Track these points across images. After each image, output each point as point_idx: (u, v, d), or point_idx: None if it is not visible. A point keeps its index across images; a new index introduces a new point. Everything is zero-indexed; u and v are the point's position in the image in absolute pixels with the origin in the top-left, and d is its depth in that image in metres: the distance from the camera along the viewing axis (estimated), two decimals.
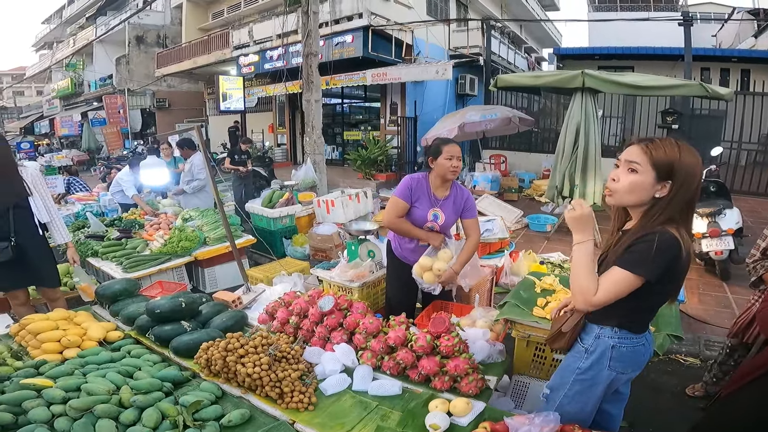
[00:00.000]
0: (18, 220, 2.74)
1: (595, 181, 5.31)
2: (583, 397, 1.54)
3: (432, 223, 2.56)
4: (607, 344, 1.47)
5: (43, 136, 23.49)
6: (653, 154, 1.31)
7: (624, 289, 1.32)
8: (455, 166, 2.45)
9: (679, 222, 1.32)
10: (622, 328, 1.46)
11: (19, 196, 2.76)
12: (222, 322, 2.33)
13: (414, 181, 2.55)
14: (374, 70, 9.63)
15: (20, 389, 1.70)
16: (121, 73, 18.04)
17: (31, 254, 2.82)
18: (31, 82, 31.68)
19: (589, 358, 1.51)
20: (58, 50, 24.04)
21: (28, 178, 2.83)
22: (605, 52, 12.16)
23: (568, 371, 1.57)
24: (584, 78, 4.99)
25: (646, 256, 1.28)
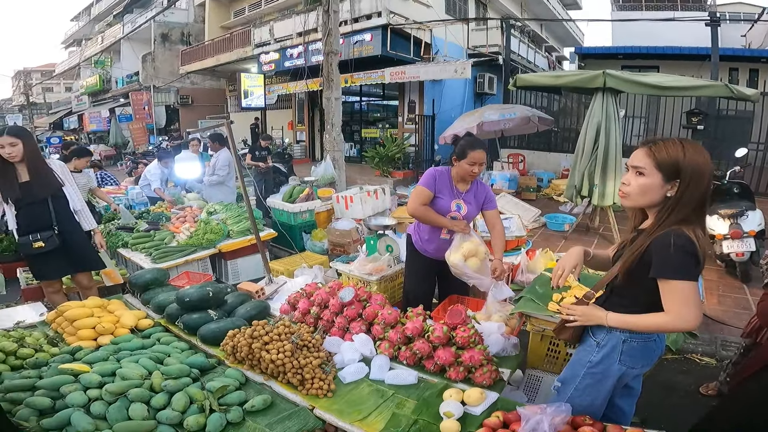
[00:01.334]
0: (58, 209, 2.90)
1: (615, 181, 5.27)
2: (593, 391, 1.58)
3: (455, 213, 2.63)
4: (619, 339, 1.50)
5: (72, 131, 24.24)
6: (657, 156, 1.35)
7: (693, 295, 1.32)
8: (475, 172, 2.52)
9: (693, 222, 1.35)
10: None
11: (56, 187, 2.93)
12: (246, 312, 2.44)
13: (438, 172, 2.62)
14: (393, 69, 9.67)
15: (58, 374, 1.81)
16: (147, 70, 18.50)
17: (74, 241, 2.98)
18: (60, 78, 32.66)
19: (600, 351, 1.54)
20: (87, 47, 24.72)
21: (57, 170, 2.99)
22: (629, 51, 11.91)
23: (579, 365, 1.61)
24: (605, 78, 4.96)
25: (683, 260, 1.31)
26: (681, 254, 1.30)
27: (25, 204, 2.82)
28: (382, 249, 3.28)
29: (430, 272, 2.80)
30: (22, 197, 2.80)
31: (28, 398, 1.66)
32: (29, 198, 2.81)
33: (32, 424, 1.57)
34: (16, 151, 2.72)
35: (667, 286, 1.34)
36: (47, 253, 2.85)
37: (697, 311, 1.33)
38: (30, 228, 2.84)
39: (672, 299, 1.33)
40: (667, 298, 1.34)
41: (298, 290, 2.62)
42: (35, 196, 2.83)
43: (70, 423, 1.56)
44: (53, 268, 3.00)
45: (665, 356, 2.05)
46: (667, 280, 1.34)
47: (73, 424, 1.55)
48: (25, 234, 2.84)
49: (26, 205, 2.82)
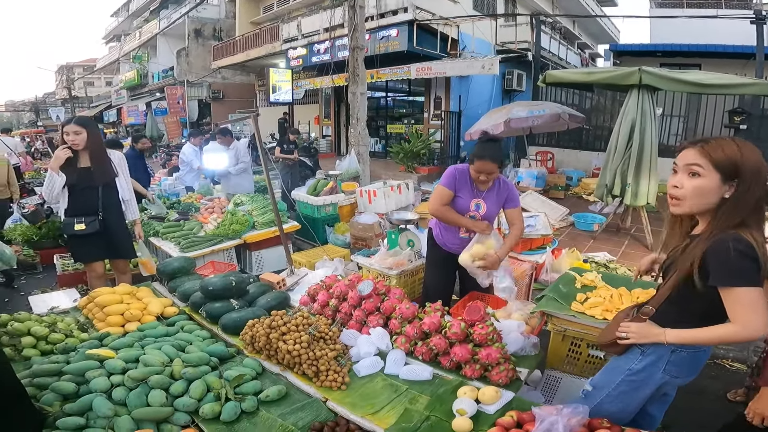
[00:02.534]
0: (106, 197, 3.06)
1: (649, 181, 5.10)
2: (626, 398, 1.52)
3: (474, 212, 2.60)
4: (667, 348, 1.43)
5: (111, 124, 25.24)
6: (713, 155, 1.26)
7: (759, 301, 1.24)
8: (482, 180, 2.49)
9: (751, 225, 1.26)
10: None
11: (111, 176, 3.10)
12: (267, 302, 2.48)
13: (458, 171, 2.59)
14: (419, 64, 9.59)
15: (85, 359, 1.87)
16: (181, 65, 19.03)
17: (114, 228, 3.13)
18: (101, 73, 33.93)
19: (644, 360, 1.47)
20: (126, 43, 25.59)
21: (115, 160, 3.16)
22: (668, 49, 11.41)
23: (618, 371, 1.54)
24: (641, 75, 4.79)
25: (744, 266, 1.23)
26: (742, 260, 1.22)
27: (79, 189, 2.98)
28: (403, 243, 3.27)
29: (450, 268, 2.77)
30: (78, 182, 2.96)
31: (53, 383, 1.72)
32: (84, 183, 2.97)
33: (56, 408, 1.62)
34: (79, 139, 2.89)
35: (731, 294, 1.25)
36: (86, 236, 3.00)
37: (765, 318, 1.24)
38: (77, 211, 3.00)
39: (737, 308, 1.25)
40: (732, 307, 1.26)
41: (318, 282, 2.64)
42: (90, 182, 2.99)
43: (91, 408, 1.62)
44: (89, 252, 3.15)
45: None
46: (730, 288, 1.25)
47: (94, 409, 1.60)
48: (71, 216, 3.01)
49: (79, 190, 2.98)
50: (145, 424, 1.60)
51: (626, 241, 5.50)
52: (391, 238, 3.34)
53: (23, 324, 2.22)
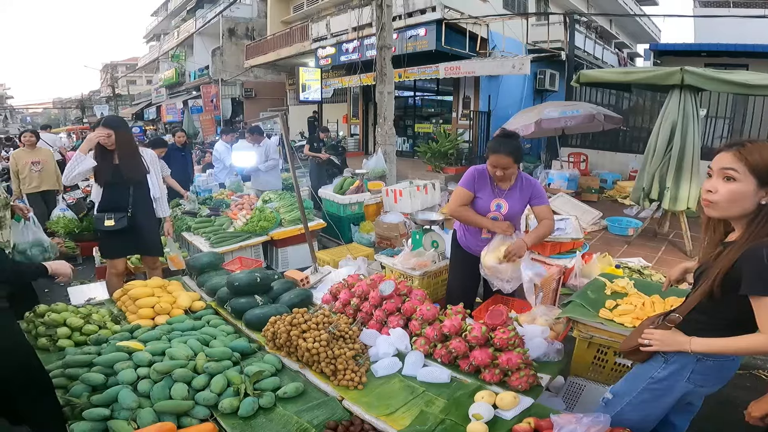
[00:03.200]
0: (137, 195, 3.12)
1: (690, 185, 4.89)
2: (648, 407, 1.48)
3: (495, 213, 2.54)
4: (692, 357, 1.38)
5: (151, 122, 26.26)
6: (749, 159, 1.21)
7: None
8: (498, 175, 2.44)
9: None
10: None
11: (143, 174, 3.17)
12: (290, 299, 2.50)
13: (477, 171, 2.56)
14: (447, 64, 9.50)
15: (115, 351, 1.93)
16: (216, 64, 19.59)
17: (143, 225, 3.18)
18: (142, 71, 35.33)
19: (667, 368, 1.43)
20: (165, 42, 26.55)
21: (147, 158, 3.23)
22: (713, 48, 10.84)
23: (640, 379, 1.51)
24: (683, 75, 4.60)
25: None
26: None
27: (111, 185, 3.06)
28: (427, 244, 3.24)
29: (473, 270, 2.71)
30: (111, 179, 3.03)
31: (83, 374, 1.78)
32: (116, 179, 3.04)
33: (83, 400, 1.68)
34: (110, 141, 2.97)
35: (762, 303, 1.21)
36: (115, 231, 3.07)
37: None
38: (107, 207, 3.07)
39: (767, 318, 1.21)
40: (763, 317, 1.21)
41: (340, 281, 2.64)
42: (122, 179, 3.05)
43: (117, 399, 1.67)
44: (117, 247, 3.22)
45: None
46: (761, 297, 1.20)
47: (120, 401, 1.65)
48: (101, 211, 3.08)
49: (111, 186, 3.06)
50: (166, 416, 1.64)
51: (663, 247, 5.26)
52: (415, 239, 3.31)
53: (60, 315, 2.31)
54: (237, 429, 1.62)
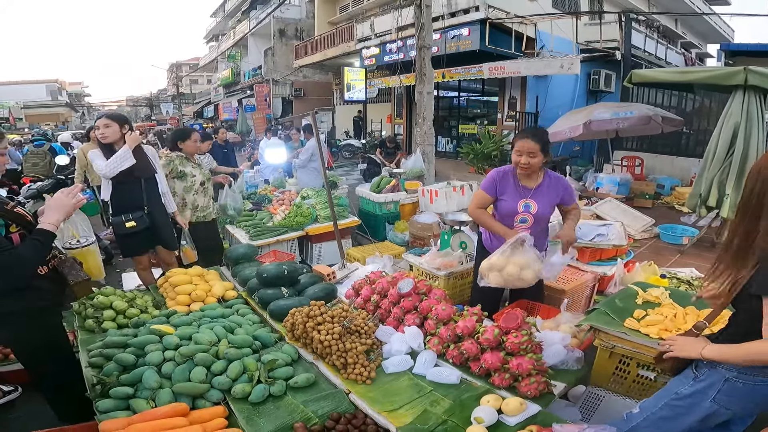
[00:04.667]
0: (149, 191, 3.15)
1: None
2: (666, 425, 1.40)
3: (524, 214, 2.44)
4: (722, 376, 1.30)
5: (210, 119, 27.72)
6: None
7: None
8: (525, 164, 2.32)
9: None
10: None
11: (152, 170, 3.18)
12: (314, 293, 2.55)
13: (499, 174, 2.49)
14: (491, 64, 9.34)
15: (148, 334, 2.05)
16: (268, 64, 20.36)
17: (159, 220, 3.21)
18: (203, 71, 37.31)
19: (695, 385, 1.36)
20: (222, 42, 27.90)
21: (150, 155, 3.19)
22: None
23: (664, 394, 1.45)
24: (747, 75, 4.28)
25: None
26: None
27: (122, 183, 3.01)
28: (455, 245, 3.21)
29: None
30: (122, 177, 2.97)
31: (117, 355, 1.91)
32: (127, 177, 3.00)
33: (113, 378, 1.80)
34: (108, 132, 2.93)
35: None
36: (136, 232, 3.06)
37: None
38: (123, 208, 3.06)
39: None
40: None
41: (364, 277, 2.67)
42: (133, 176, 3.02)
43: (141, 380, 1.78)
44: (139, 246, 3.27)
45: None
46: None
47: (143, 381, 1.76)
48: (118, 214, 3.06)
49: (123, 184, 3.02)
50: (182, 397, 1.74)
51: None
52: (443, 239, 3.29)
53: (107, 298, 2.50)
54: (245, 413, 1.68)
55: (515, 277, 2.24)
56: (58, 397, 2.05)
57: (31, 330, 1.91)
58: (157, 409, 1.64)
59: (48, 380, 2.04)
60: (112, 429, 1.53)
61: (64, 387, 2.02)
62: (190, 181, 3.61)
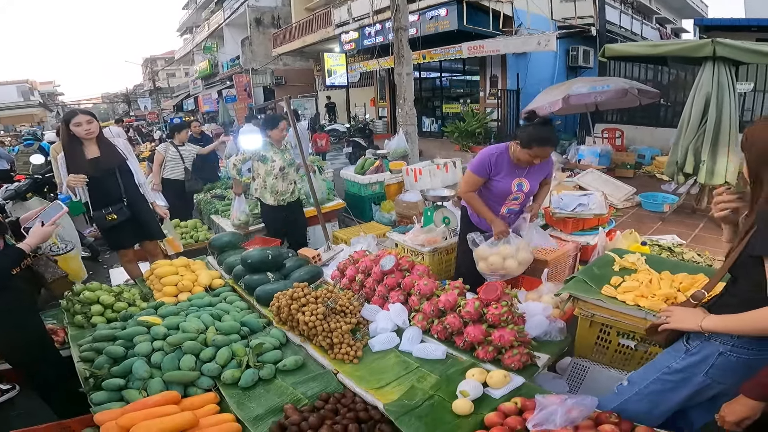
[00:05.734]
0: (125, 182, 3.09)
1: (728, 158, 4.64)
2: (656, 399, 1.40)
3: (517, 193, 2.53)
4: (715, 350, 1.27)
5: (191, 112, 27.13)
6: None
7: None
8: (534, 163, 2.40)
9: None
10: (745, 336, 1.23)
11: (121, 159, 3.10)
12: (300, 276, 2.55)
13: (492, 157, 2.47)
14: (470, 43, 9.34)
15: (136, 326, 2.05)
16: (246, 53, 19.94)
17: (140, 211, 3.18)
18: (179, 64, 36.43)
19: (687, 359, 1.33)
20: (197, 34, 27.20)
21: (120, 145, 3.15)
22: (766, 23, 10.01)
23: (654, 368, 1.43)
24: (715, 46, 4.42)
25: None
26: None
27: (95, 178, 2.94)
28: (438, 221, 3.23)
29: None
30: (94, 172, 2.91)
31: (107, 347, 1.91)
32: (99, 172, 2.94)
33: (104, 371, 1.81)
34: (93, 128, 2.90)
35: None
36: (119, 224, 3.05)
37: None
38: (102, 202, 3.02)
39: None
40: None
41: (347, 257, 2.68)
42: (104, 168, 2.97)
43: (132, 370, 1.79)
44: (125, 238, 3.25)
45: None
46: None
47: (134, 371, 1.78)
48: (98, 208, 3.03)
49: (97, 180, 2.95)
50: (173, 386, 1.75)
51: (701, 224, 4.99)
52: (426, 215, 3.31)
53: (94, 293, 2.50)
54: (235, 398, 1.70)
55: (499, 266, 2.38)
56: (52, 393, 2.05)
57: (8, 330, 1.91)
58: (149, 398, 1.66)
59: (38, 378, 2.04)
60: (106, 420, 1.54)
61: (55, 383, 2.03)
62: (270, 165, 3.62)
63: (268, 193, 3.65)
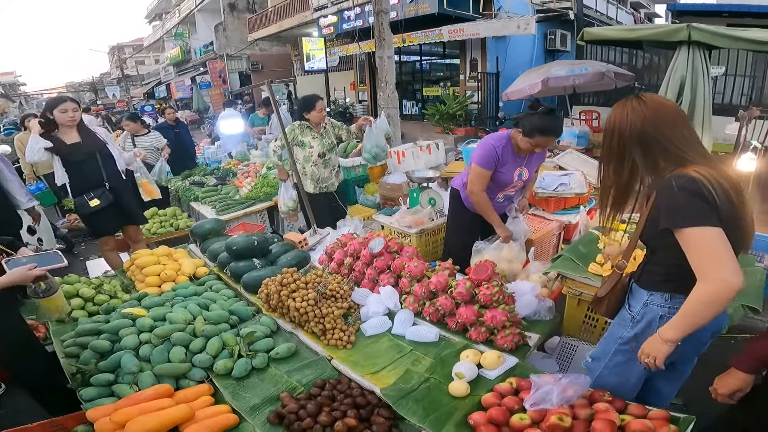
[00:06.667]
0: (107, 166, 3.05)
1: (701, 139, 4.78)
2: (623, 369, 1.43)
3: (517, 182, 2.54)
4: (656, 313, 1.32)
5: (163, 99, 26.29)
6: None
7: (719, 243, 1.11)
8: (536, 152, 2.38)
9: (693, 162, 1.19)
10: (677, 294, 1.28)
11: (102, 143, 3.06)
12: (287, 261, 2.50)
13: (498, 148, 2.38)
14: (451, 27, 9.31)
15: (120, 319, 1.99)
16: (220, 39, 19.37)
17: (123, 196, 3.14)
18: (149, 51, 35.10)
19: (635, 327, 1.38)
20: (167, 21, 26.26)
21: (99, 132, 3.13)
22: (736, 9, 10.28)
23: (611, 340, 1.47)
24: (690, 31, 4.53)
25: (690, 202, 1.13)
26: (686, 196, 1.12)
27: (76, 163, 2.93)
28: (424, 202, 3.22)
29: (474, 227, 2.71)
30: (74, 157, 2.91)
31: (91, 342, 1.85)
32: (79, 156, 2.93)
33: (91, 366, 1.75)
34: (77, 115, 2.90)
35: (684, 236, 1.14)
36: (102, 209, 3.01)
37: (731, 264, 1.09)
38: (83, 187, 2.98)
39: (695, 255, 1.13)
40: (692, 253, 1.13)
41: (335, 241, 2.63)
42: (86, 152, 2.95)
43: (120, 365, 1.74)
44: (109, 224, 3.20)
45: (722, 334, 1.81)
46: (681, 228, 1.14)
47: (122, 365, 1.73)
48: (79, 194, 2.99)
49: (77, 164, 2.94)
50: (165, 379, 1.71)
51: None
52: (412, 197, 3.30)
53: (72, 286, 2.41)
54: (230, 389, 1.67)
55: (507, 270, 2.41)
56: (41, 391, 1.99)
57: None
58: (141, 392, 1.61)
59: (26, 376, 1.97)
60: (99, 416, 1.50)
61: (42, 380, 1.96)
62: (308, 151, 3.49)
63: (309, 179, 3.55)
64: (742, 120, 4.00)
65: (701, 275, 1.13)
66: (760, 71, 8.53)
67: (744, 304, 1.73)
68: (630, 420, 1.27)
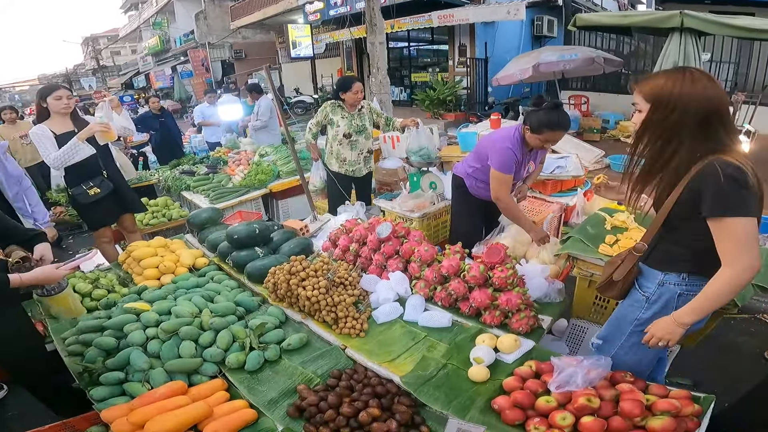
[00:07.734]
0: (103, 156, 2.95)
1: None
2: (641, 349, 1.43)
3: (525, 175, 2.59)
4: (673, 292, 1.33)
5: (142, 89, 25.65)
6: (642, 90, 1.26)
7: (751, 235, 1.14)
8: (545, 147, 2.38)
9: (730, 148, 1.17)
10: (694, 274, 1.29)
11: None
12: (290, 249, 2.43)
13: (516, 151, 2.32)
14: (440, 12, 9.30)
15: (123, 314, 1.91)
16: (201, 28, 18.89)
17: (120, 184, 3.06)
18: (125, 42, 34.12)
19: (651, 308, 1.38)
20: (144, 10, 25.51)
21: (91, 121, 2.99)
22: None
23: (626, 322, 1.46)
24: (683, 18, 4.62)
25: (736, 193, 1.13)
26: (734, 186, 1.11)
27: None
28: (425, 186, 3.19)
29: (479, 212, 2.71)
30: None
31: (96, 339, 1.77)
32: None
33: (98, 364, 1.68)
34: (72, 102, 2.81)
35: (722, 224, 1.15)
36: (101, 198, 2.92)
37: (757, 251, 1.14)
38: (81, 176, 2.88)
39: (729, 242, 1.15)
40: (726, 243, 1.15)
41: (339, 227, 2.57)
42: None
43: (129, 362, 1.67)
44: (106, 214, 3.09)
45: (730, 314, 1.83)
46: (720, 218, 1.15)
47: (131, 363, 1.66)
48: (77, 184, 2.89)
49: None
50: (176, 375, 1.65)
51: None
52: (413, 181, 3.26)
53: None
54: (244, 383, 1.62)
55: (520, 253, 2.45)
56: (46, 391, 1.91)
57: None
58: (155, 390, 1.55)
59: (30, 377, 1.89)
60: (115, 417, 1.43)
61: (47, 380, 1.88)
62: (335, 129, 3.47)
63: (334, 158, 3.56)
64: (735, 104, 4.06)
65: (729, 261, 1.16)
66: (745, 58, 8.67)
67: (755, 284, 1.73)
68: (655, 400, 1.27)
